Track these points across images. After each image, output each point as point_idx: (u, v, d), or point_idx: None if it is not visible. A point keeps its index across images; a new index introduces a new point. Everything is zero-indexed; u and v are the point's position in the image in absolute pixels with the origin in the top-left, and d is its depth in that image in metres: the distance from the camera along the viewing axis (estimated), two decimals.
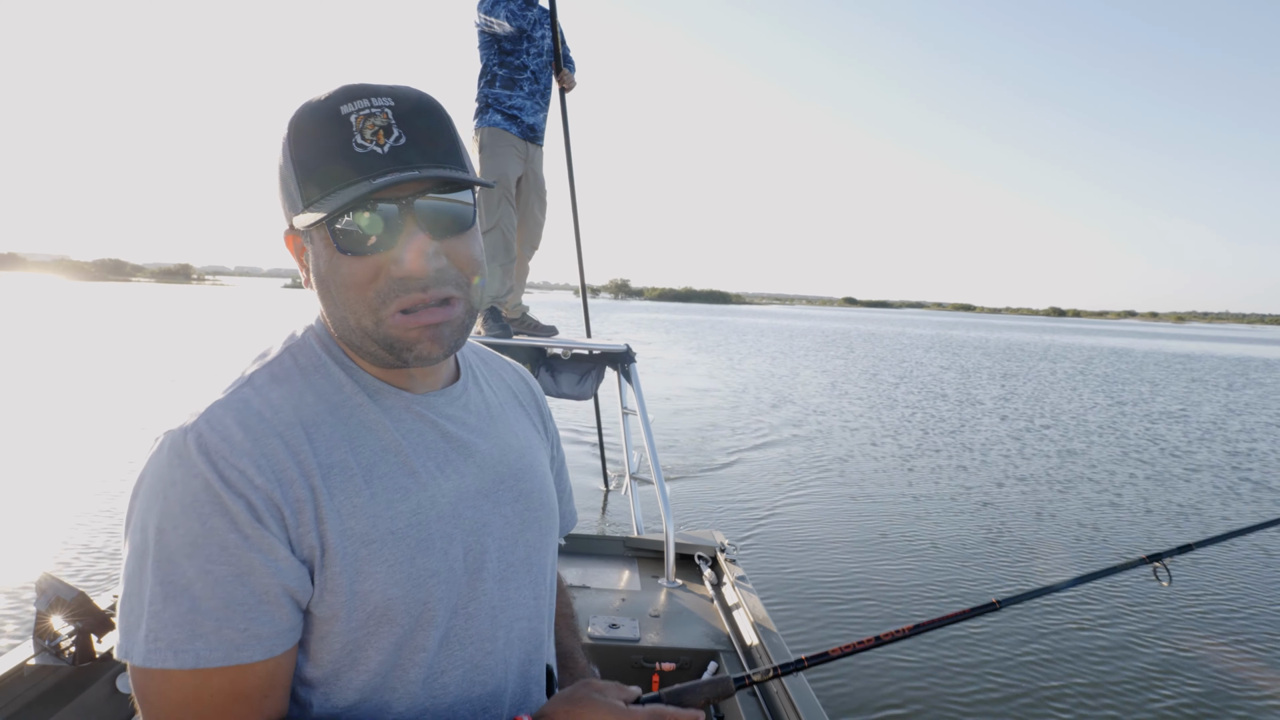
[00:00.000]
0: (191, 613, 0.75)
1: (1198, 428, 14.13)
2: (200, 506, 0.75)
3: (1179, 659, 4.54)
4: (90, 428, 10.01)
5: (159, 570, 0.75)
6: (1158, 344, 58.56)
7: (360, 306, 0.82)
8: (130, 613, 0.77)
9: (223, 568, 0.75)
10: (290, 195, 0.83)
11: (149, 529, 0.76)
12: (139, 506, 0.78)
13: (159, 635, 0.75)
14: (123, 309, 42.53)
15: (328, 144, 0.79)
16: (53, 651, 2.16)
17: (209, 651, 0.75)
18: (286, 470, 0.79)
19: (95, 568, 5.28)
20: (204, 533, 0.75)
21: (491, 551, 0.92)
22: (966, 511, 7.64)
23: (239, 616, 0.76)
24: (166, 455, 0.78)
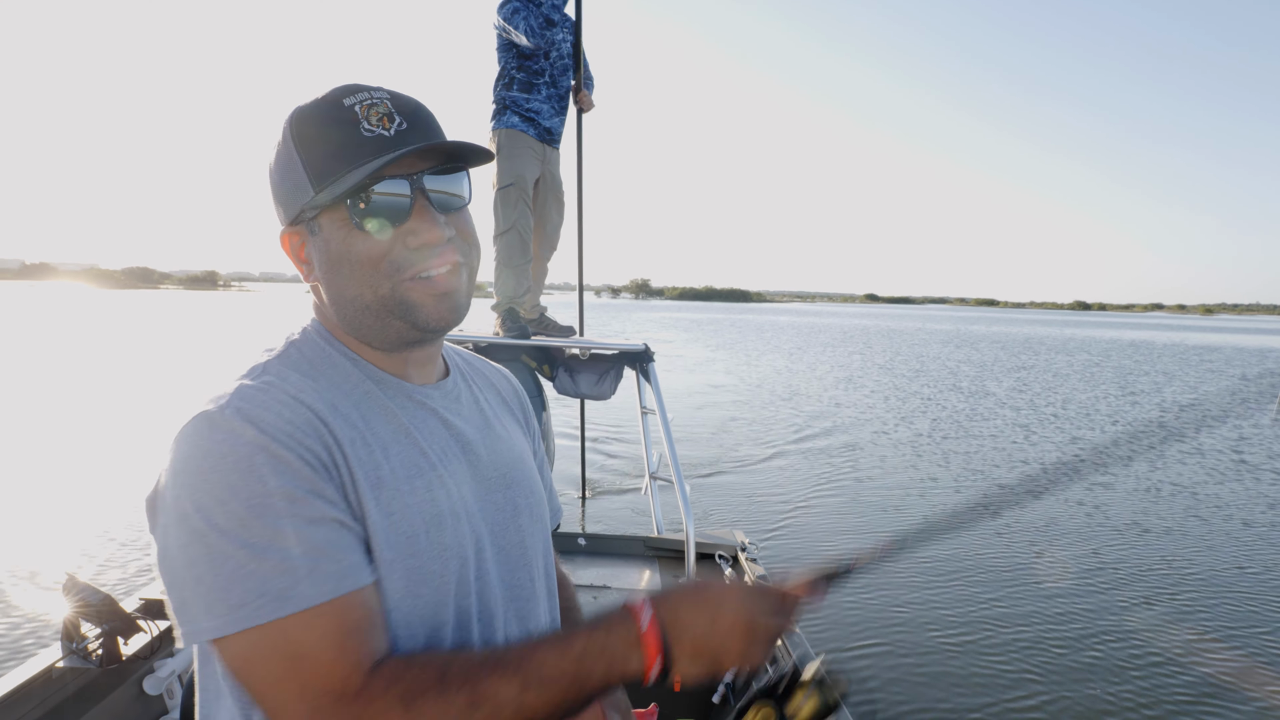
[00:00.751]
0: (283, 562, 0.75)
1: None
2: (257, 469, 0.76)
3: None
4: (117, 433, 10.14)
5: (233, 538, 0.74)
6: (1180, 336, 58.00)
7: (376, 278, 0.86)
8: (209, 591, 0.75)
9: (294, 520, 0.76)
10: (297, 184, 0.86)
11: (206, 506, 0.75)
12: (183, 490, 0.76)
13: (260, 591, 0.74)
14: (155, 316, 43.05)
15: (336, 131, 0.84)
16: (80, 654, 2.19)
17: (313, 589, 0.75)
18: (323, 437, 0.82)
19: (122, 571, 5.34)
20: (267, 492, 0.76)
21: (485, 536, 0.95)
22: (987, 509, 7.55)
23: (328, 555, 0.77)
24: (207, 432, 0.78)
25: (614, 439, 10.00)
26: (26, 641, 4.30)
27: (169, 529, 0.78)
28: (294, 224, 0.89)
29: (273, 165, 0.88)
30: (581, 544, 3.78)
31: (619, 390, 4.16)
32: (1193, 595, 5.50)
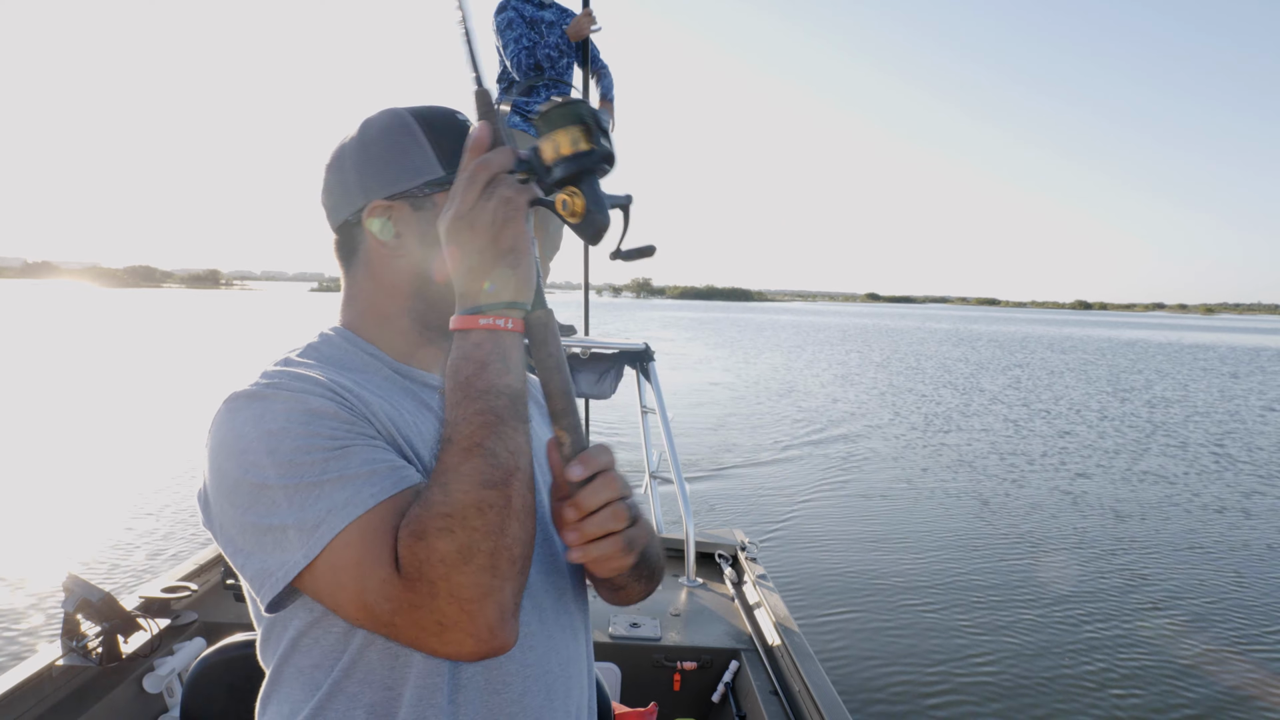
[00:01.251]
0: (342, 476, 0.78)
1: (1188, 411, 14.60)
2: (298, 415, 0.80)
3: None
4: (118, 431, 10.14)
5: (291, 474, 0.78)
6: (1178, 336, 58.31)
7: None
8: (281, 534, 0.78)
9: (340, 442, 0.80)
10: (421, 163, 0.94)
11: (255, 465, 0.79)
12: (228, 463, 0.80)
13: (329, 508, 0.77)
14: (160, 315, 42.98)
15: (461, 134, 0.96)
16: (80, 652, 2.19)
17: (378, 487, 0.78)
18: (352, 403, 0.86)
19: (122, 568, 5.35)
20: (310, 434, 0.79)
21: None
22: (979, 505, 7.58)
23: (382, 459, 0.81)
24: (241, 405, 0.82)
25: (613, 438, 10.00)
26: (27, 639, 4.30)
27: (225, 506, 0.81)
28: (397, 196, 0.94)
29: (375, 145, 0.94)
30: None
31: (619, 389, 4.16)
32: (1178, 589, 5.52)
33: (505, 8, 4.16)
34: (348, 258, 0.99)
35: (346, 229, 0.98)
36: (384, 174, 0.94)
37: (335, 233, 0.99)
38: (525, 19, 4.13)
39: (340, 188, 0.96)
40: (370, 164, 0.94)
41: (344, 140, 0.98)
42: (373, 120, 0.97)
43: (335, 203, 0.98)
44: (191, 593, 2.73)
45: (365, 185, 0.94)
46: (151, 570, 5.29)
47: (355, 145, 0.96)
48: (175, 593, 2.65)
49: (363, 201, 0.95)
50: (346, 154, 0.96)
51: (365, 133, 0.96)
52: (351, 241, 0.98)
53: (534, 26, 4.17)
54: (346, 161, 0.96)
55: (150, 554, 5.64)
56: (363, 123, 0.98)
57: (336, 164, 0.97)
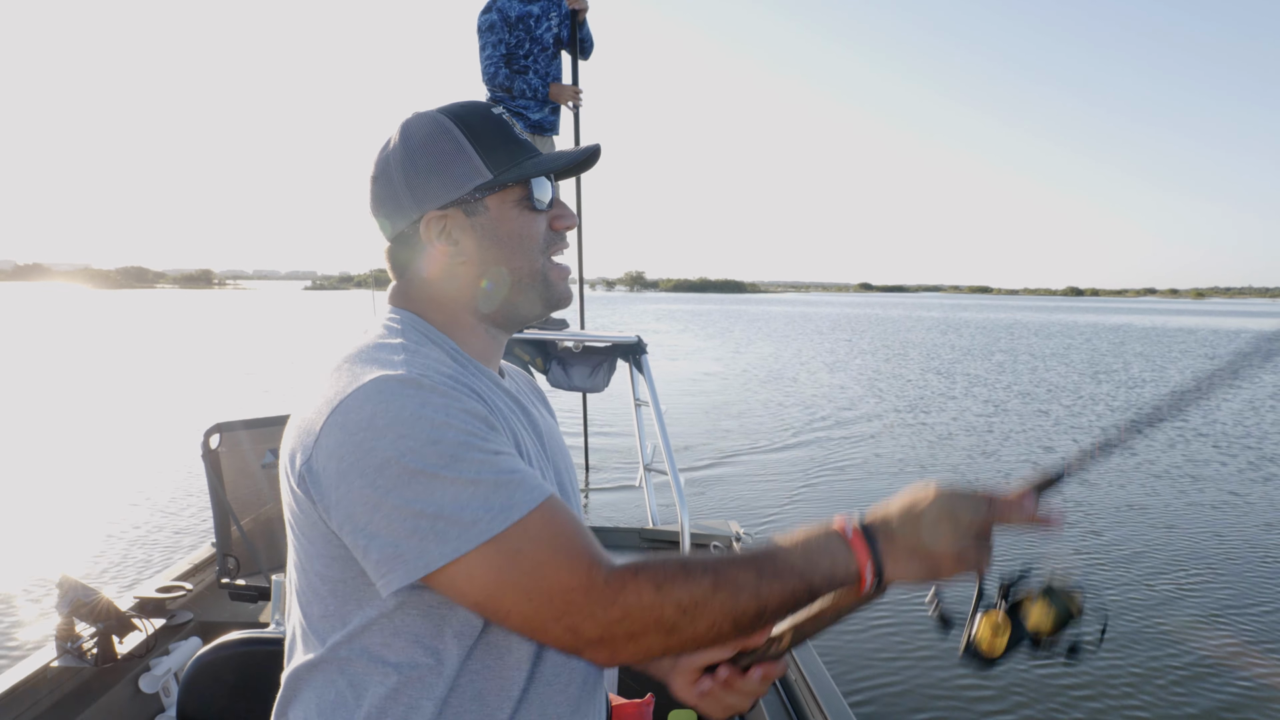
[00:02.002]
0: (497, 479, 0.81)
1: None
2: (458, 411, 0.83)
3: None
4: (111, 432, 10.09)
5: (448, 471, 0.80)
6: (1165, 320, 58.96)
7: (535, 253, 1.01)
8: (434, 522, 0.79)
9: (495, 448, 0.84)
10: (468, 170, 0.97)
11: (414, 449, 0.80)
12: (381, 442, 0.80)
13: (487, 507, 0.80)
14: (155, 316, 42.64)
15: (500, 131, 1.00)
16: (75, 654, 2.18)
17: (529, 494, 0.82)
18: (483, 405, 0.90)
19: (117, 570, 5.33)
20: (468, 430, 0.82)
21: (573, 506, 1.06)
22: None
23: (528, 471, 0.85)
24: (400, 386, 0.83)
25: (607, 431, 10.01)
26: (21, 641, 4.28)
27: (360, 484, 0.80)
28: (450, 206, 0.97)
29: (421, 156, 0.97)
30: None
31: (612, 382, 4.16)
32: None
33: (490, 8, 4.15)
34: (403, 264, 1.02)
35: (402, 239, 1.00)
36: (434, 185, 0.97)
37: (390, 242, 1.02)
38: (509, 20, 4.12)
39: (392, 200, 0.99)
40: (419, 175, 0.97)
41: (387, 151, 1.00)
42: (413, 128, 0.99)
43: (389, 215, 1.00)
44: (186, 592, 2.72)
45: (417, 197, 0.97)
46: (146, 570, 5.27)
47: (401, 156, 0.98)
48: (170, 592, 2.64)
49: (416, 214, 0.98)
50: (393, 166, 0.98)
51: (408, 143, 0.98)
52: (408, 250, 1.01)
53: (520, 24, 4.15)
54: (394, 174, 0.98)
55: (144, 554, 5.62)
56: (403, 131, 0.99)
57: (383, 176, 0.99)
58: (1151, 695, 3.96)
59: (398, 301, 1.03)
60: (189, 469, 7.76)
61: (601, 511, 6.81)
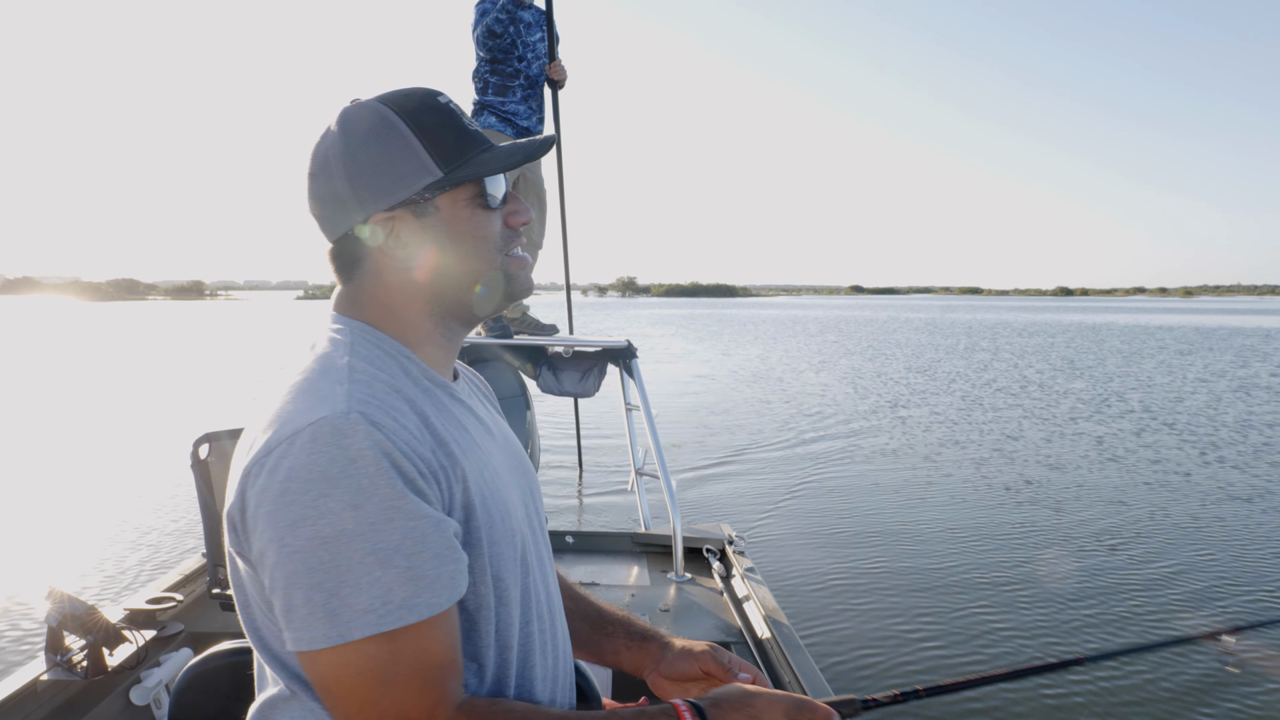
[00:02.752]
0: (410, 569, 0.77)
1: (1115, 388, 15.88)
2: (388, 472, 0.78)
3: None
4: (99, 443, 10.02)
5: (365, 541, 0.76)
6: (1147, 318, 59.41)
7: (490, 252, 0.96)
8: (331, 597, 0.76)
9: (424, 521, 0.79)
10: (415, 167, 0.91)
11: (335, 511, 0.76)
12: (308, 497, 0.76)
13: (386, 599, 0.76)
14: (150, 328, 42.15)
15: (450, 124, 0.94)
16: (65, 666, 2.17)
17: (435, 597, 0.79)
18: (427, 440, 0.86)
19: (106, 582, 5.29)
20: (399, 494, 0.78)
21: (525, 519, 1.02)
22: (960, 491, 7.65)
23: (448, 559, 0.81)
24: (332, 438, 0.78)
25: (598, 435, 10.00)
26: (10, 654, 4.24)
27: (286, 536, 0.77)
28: (397, 207, 0.92)
29: (364, 153, 0.91)
30: (569, 542, 3.78)
31: (603, 387, 4.17)
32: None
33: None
34: (349, 268, 0.96)
35: (346, 242, 0.94)
36: (379, 184, 0.90)
37: (332, 244, 0.95)
38: (508, 12, 4.14)
39: (333, 200, 0.92)
40: (363, 174, 0.90)
41: (326, 145, 0.93)
42: (354, 121, 0.92)
43: (330, 215, 0.93)
44: (177, 603, 2.71)
45: (361, 198, 0.91)
46: (136, 582, 5.24)
47: (342, 152, 0.91)
48: (160, 603, 2.62)
49: (361, 216, 0.91)
50: (333, 162, 0.91)
51: (349, 138, 0.91)
52: (353, 253, 0.94)
53: (511, 24, 4.17)
54: (335, 171, 0.91)
55: (135, 565, 5.58)
56: (342, 124, 0.92)
57: (323, 173, 0.92)
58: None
59: (345, 309, 0.96)
60: (179, 479, 7.72)
61: (594, 516, 6.80)
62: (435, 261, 0.94)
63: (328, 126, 0.94)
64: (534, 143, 0.96)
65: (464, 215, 0.94)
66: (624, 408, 4.21)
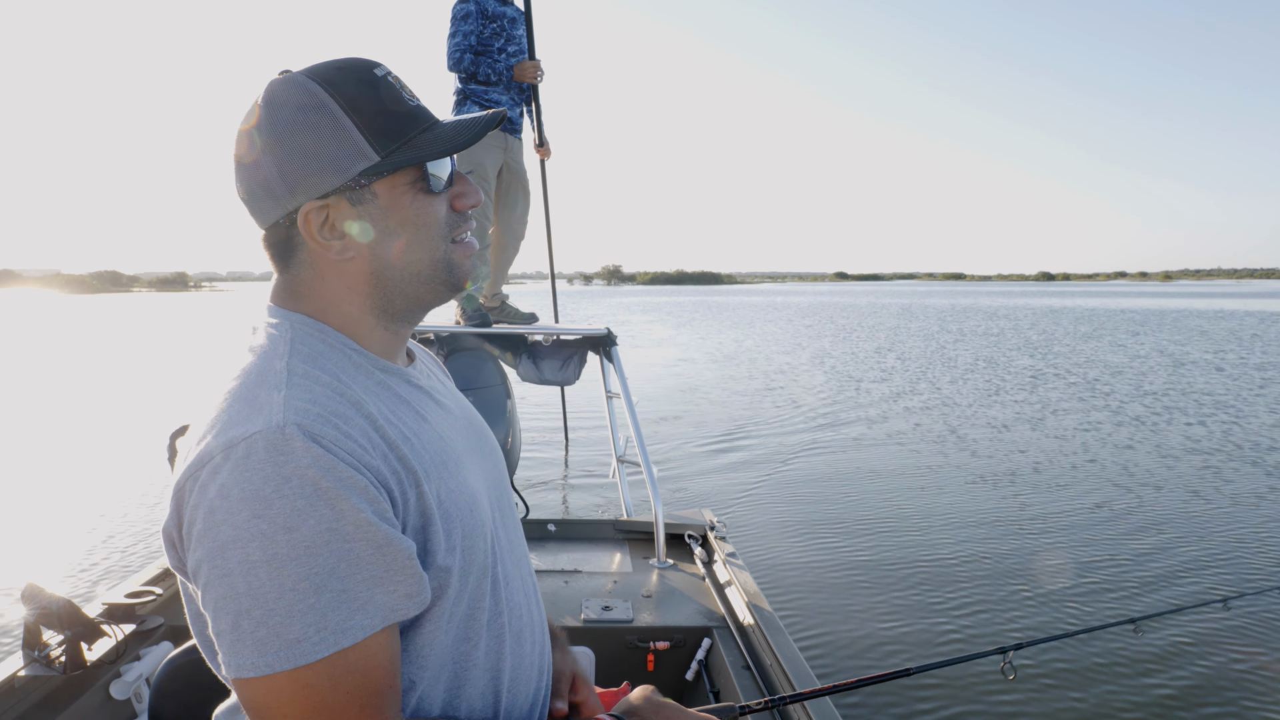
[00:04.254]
0: (343, 594, 0.73)
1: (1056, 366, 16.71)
2: (326, 492, 0.74)
3: None
4: (77, 437, 9.91)
5: (298, 566, 0.72)
6: (1116, 302, 60.56)
7: (435, 240, 0.89)
8: (262, 624, 0.72)
9: (362, 545, 0.75)
10: (350, 151, 0.83)
11: (268, 534, 0.72)
12: (241, 517, 0.72)
13: (320, 625, 0.72)
14: (134, 320, 41.45)
15: (388, 100, 0.85)
16: (43, 661, 2.15)
17: (369, 619, 0.75)
18: (378, 445, 0.81)
19: (84, 576, 5.24)
20: (335, 516, 0.74)
21: (491, 505, 0.98)
22: (939, 475, 7.73)
23: (389, 579, 0.77)
24: (265, 455, 0.73)
25: (580, 423, 10.00)
26: None
27: (217, 557, 0.73)
28: (330, 194, 0.84)
29: (291, 136, 0.83)
30: (551, 530, 3.79)
31: (583, 375, 4.16)
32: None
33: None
34: (284, 256, 0.89)
35: (278, 230, 0.87)
36: (310, 171, 0.83)
37: (265, 231, 0.88)
38: (486, 14, 4.11)
39: (261, 187, 0.85)
40: (291, 159, 0.83)
41: (250, 125, 0.85)
42: (280, 98, 0.84)
43: (258, 203, 0.86)
44: (156, 597, 2.69)
45: (291, 185, 0.84)
46: (115, 575, 5.20)
47: (268, 135, 0.83)
48: (139, 597, 2.61)
49: (291, 204, 0.85)
50: (259, 145, 0.84)
51: (275, 118, 0.83)
52: (286, 242, 0.88)
53: (495, 20, 4.15)
54: (262, 155, 0.84)
55: (113, 559, 5.54)
56: (267, 101, 0.84)
57: (249, 156, 0.85)
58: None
59: (284, 300, 0.90)
60: (157, 472, 7.66)
61: (577, 503, 6.82)
62: (374, 251, 0.87)
63: (253, 102, 0.86)
64: (479, 120, 0.88)
65: (405, 201, 0.87)
66: (604, 395, 4.21)
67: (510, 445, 3.82)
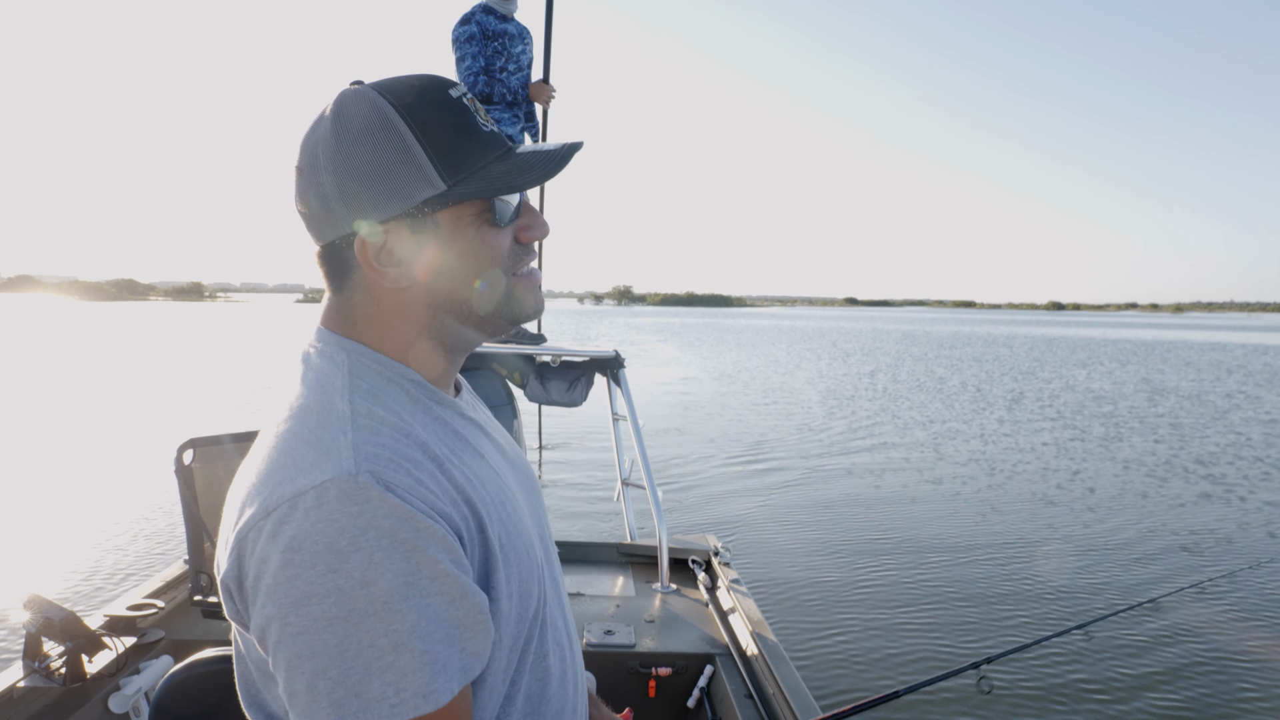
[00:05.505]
0: (425, 653, 0.70)
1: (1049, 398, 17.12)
2: (404, 543, 0.70)
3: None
4: (86, 447, 9.94)
5: (377, 624, 0.68)
6: (1128, 333, 60.45)
7: (498, 273, 0.85)
8: (339, 684, 0.69)
9: (440, 600, 0.72)
10: (417, 177, 0.79)
11: (345, 589, 0.68)
12: (315, 571, 0.69)
13: (399, 687, 0.69)
14: (152, 329, 41.70)
15: (460, 125, 0.81)
16: (43, 673, 2.14)
17: (450, 682, 0.72)
18: (447, 490, 0.77)
19: (87, 588, 5.24)
20: (413, 568, 0.70)
21: (541, 542, 0.95)
22: (945, 502, 7.68)
23: (466, 638, 0.74)
24: (339, 505, 0.70)
25: (585, 445, 9.99)
26: None
27: (290, 614, 0.69)
28: (391, 220, 0.80)
29: (357, 155, 0.79)
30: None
31: (590, 397, 4.16)
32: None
33: (469, 20, 4.17)
34: (339, 277, 0.85)
35: (334, 249, 0.83)
36: (372, 194, 0.79)
37: (320, 248, 0.85)
38: (487, 33, 4.16)
39: (320, 202, 0.81)
40: (354, 180, 0.79)
41: (316, 135, 0.81)
42: (348, 114, 0.80)
43: (316, 219, 0.82)
44: (158, 610, 2.69)
45: (350, 205, 0.80)
46: (117, 588, 5.19)
47: (333, 150, 0.79)
48: (141, 610, 2.60)
49: (349, 226, 0.81)
50: (322, 160, 0.80)
51: (342, 134, 0.79)
52: (342, 262, 0.84)
53: (495, 39, 4.19)
54: (323, 170, 0.80)
55: (116, 571, 5.53)
56: (336, 115, 0.80)
57: (310, 170, 0.81)
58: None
59: (336, 325, 0.86)
60: (163, 484, 7.67)
61: (580, 526, 6.79)
62: (433, 281, 0.83)
63: (321, 113, 0.82)
64: (555, 154, 0.84)
65: (469, 233, 0.82)
66: (611, 417, 4.20)
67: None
